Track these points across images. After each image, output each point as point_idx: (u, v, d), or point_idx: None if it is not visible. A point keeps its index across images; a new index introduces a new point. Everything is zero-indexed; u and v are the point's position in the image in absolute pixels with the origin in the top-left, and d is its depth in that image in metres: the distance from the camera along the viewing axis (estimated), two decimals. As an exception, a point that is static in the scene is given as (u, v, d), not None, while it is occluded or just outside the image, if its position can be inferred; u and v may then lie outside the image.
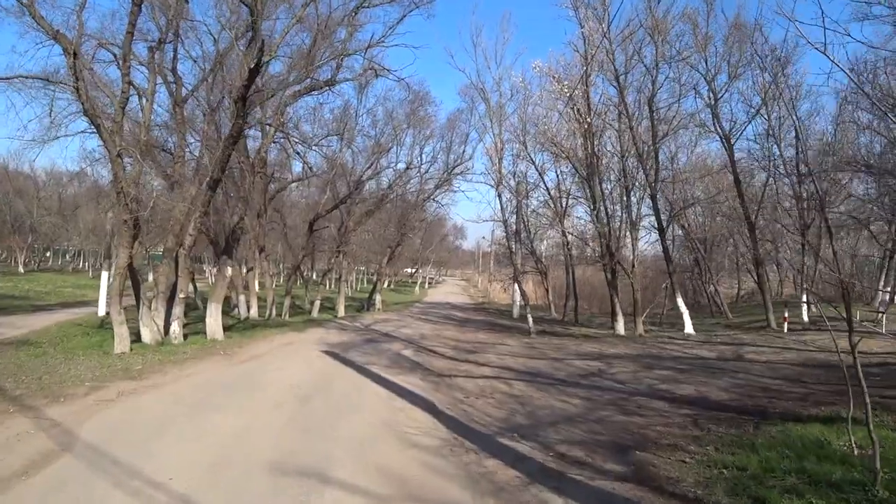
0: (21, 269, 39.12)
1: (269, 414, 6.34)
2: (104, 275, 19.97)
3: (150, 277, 25.39)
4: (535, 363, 11.75)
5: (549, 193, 27.62)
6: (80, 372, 8.23)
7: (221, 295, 13.06)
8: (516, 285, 29.93)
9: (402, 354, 11.98)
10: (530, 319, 19.11)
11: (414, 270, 73.51)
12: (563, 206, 28.42)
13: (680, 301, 18.07)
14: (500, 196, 19.66)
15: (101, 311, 18.35)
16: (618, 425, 6.58)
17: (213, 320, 13.07)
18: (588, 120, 16.93)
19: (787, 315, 17.48)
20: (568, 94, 16.05)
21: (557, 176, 28.67)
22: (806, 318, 18.19)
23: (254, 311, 22.30)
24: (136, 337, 12.06)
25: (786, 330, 17.19)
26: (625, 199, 19.74)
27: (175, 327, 12.42)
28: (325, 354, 11.25)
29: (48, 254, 54.13)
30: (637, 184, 20.19)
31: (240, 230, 13.11)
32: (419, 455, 5.19)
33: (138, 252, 12.04)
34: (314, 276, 40.00)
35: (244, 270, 23.06)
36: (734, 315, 27.03)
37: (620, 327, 18.57)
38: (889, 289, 20.15)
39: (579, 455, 5.33)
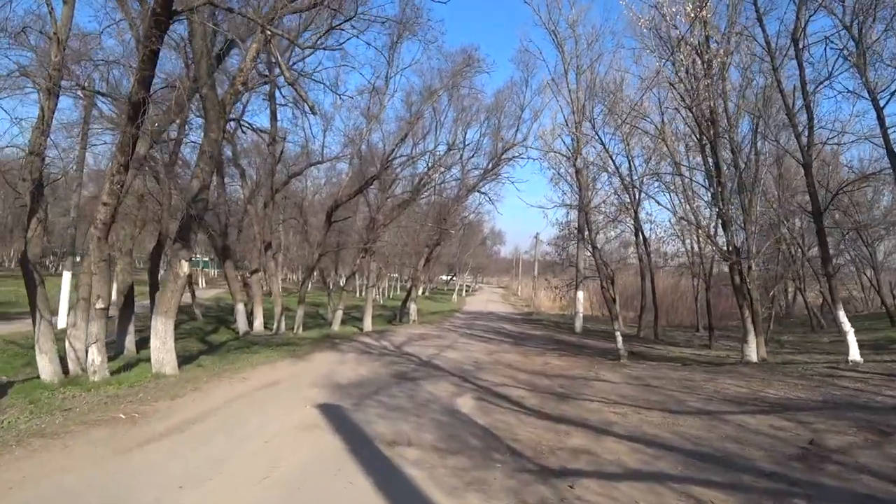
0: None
1: None
2: (66, 276, 15.81)
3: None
4: (682, 424, 6.56)
5: (623, 181, 22.35)
6: None
7: (171, 304, 8.35)
8: (579, 294, 24.87)
9: (458, 410, 6.94)
10: (619, 339, 13.96)
11: (450, 277, 68.45)
12: (637, 196, 23.13)
13: (842, 316, 12.49)
14: (577, 172, 14.47)
15: (60, 324, 14.22)
16: None
17: (160, 343, 8.39)
18: (718, 51, 11.67)
19: None
20: (693, 16, 10.90)
21: (629, 160, 23.52)
22: None
23: (258, 324, 17.70)
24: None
25: None
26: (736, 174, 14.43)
27: (94, 355, 7.81)
28: (319, 416, 6.27)
29: (57, 256, 51.55)
30: (758, 154, 14.77)
31: (202, 204, 8.41)
32: None
33: (36, 238, 7.50)
34: (341, 282, 35.42)
35: (247, 273, 18.58)
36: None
37: (752, 351, 13.13)
38: None
39: None
